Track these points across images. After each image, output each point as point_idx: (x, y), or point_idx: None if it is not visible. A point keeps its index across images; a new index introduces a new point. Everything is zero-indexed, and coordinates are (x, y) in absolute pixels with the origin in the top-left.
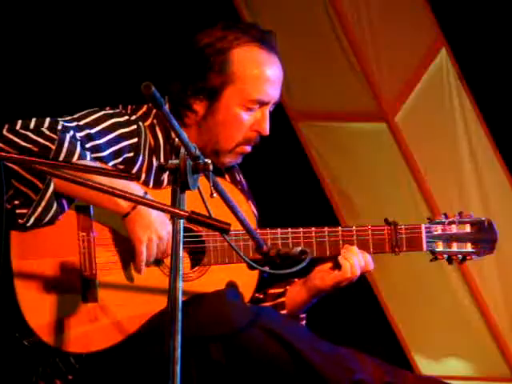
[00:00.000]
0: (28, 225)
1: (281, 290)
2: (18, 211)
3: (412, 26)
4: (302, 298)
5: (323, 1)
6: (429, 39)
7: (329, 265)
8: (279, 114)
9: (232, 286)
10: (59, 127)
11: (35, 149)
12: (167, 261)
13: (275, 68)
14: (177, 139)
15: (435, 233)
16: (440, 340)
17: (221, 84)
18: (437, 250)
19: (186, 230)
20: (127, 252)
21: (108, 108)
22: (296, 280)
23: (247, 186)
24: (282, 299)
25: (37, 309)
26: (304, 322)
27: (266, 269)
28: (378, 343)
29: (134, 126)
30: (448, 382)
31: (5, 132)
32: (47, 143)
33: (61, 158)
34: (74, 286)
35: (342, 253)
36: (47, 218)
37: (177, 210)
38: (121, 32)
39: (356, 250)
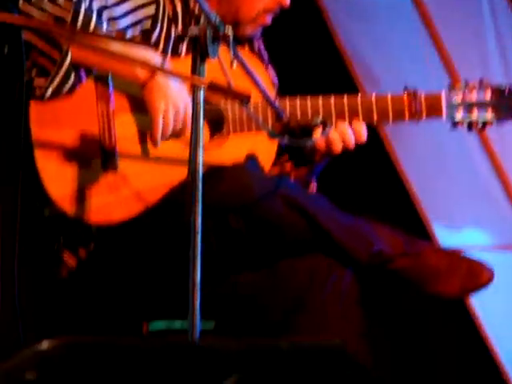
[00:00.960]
0: (46, 96)
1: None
2: (36, 82)
3: None
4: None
5: None
6: None
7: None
8: None
9: (251, 158)
10: None
11: (50, 20)
12: (187, 132)
13: None
14: (197, 7)
15: (455, 99)
16: (460, 210)
17: None
18: (457, 116)
19: (204, 101)
20: (146, 123)
21: None
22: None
23: (268, 55)
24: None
25: (57, 179)
26: (315, 185)
27: (286, 138)
28: (397, 214)
29: None
30: (467, 251)
31: (21, 5)
32: (62, 14)
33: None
34: (94, 157)
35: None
36: (65, 89)
37: (197, 79)
38: None
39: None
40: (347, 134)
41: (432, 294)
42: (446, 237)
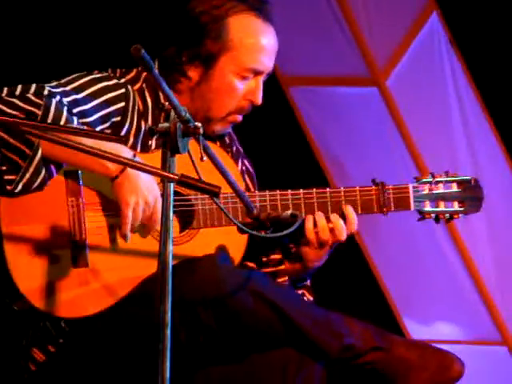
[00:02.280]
0: (16, 191)
1: (280, 256)
2: (6, 177)
3: None
4: (297, 267)
5: None
6: (420, 3)
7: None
8: (270, 78)
9: (222, 250)
10: (45, 93)
11: (21, 115)
12: (157, 226)
13: (271, 38)
14: (167, 102)
15: (422, 192)
16: (429, 304)
17: (217, 51)
18: (424, 209)
19: (174, 193)
20: (116, 216)
21: (96, 72)
22: (293, 247)
23: (241, 147)
24: (283, 266)
25: (27, 274)
26: (309, 283)
27: (256, 233)
28: (368, 307)
29: (123, 90)
30: (437, 345)
31: None
32: (33, 109)
33: None
34: (65, 251)
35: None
36: (35, 184)
37: (167, 173)
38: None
39: (319, 217)
40: (338, 224)
41: None
42: (417, 330)
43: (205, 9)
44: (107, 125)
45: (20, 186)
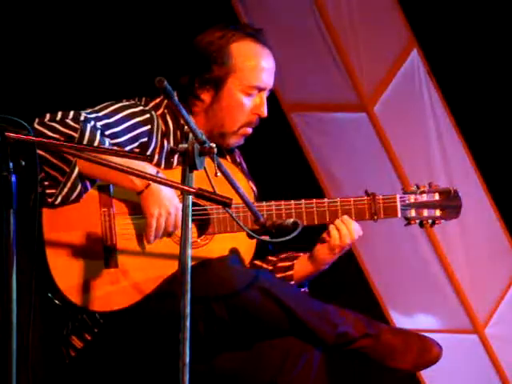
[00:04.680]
0: (56, 203)
1: (289, 263)
2: (47, 191)
3: (388, 28)
4: (308, 270)
5: (310, 6)
6: (402, 40)
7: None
8: (274, 105)
9: (233, 253)
10: (82, 118)
11: (61, 138)
12: (177, 231)
13: (269, 58)
14: (186, 126)
15: (408, 201)
16: (410, 298)
17: (224, 74)
18: (410, 216)
19: (193, 204)
20: (142, 225)
21: (124, 100)
22: (302, 254)
23: (247, 167)
24: (291, 272)
25: (65, 274)
26: (307, 289)
27: (263, 238)
28: (358, 300)
29: (148, 115)
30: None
31: (35, 125)
32: (71, 132)
33: None
34: (98, 254)
35: (334, 222)
36: (72, 197)
37: (186, 187)
38: (133, 36)
39: (346, 218)
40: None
41: (389, 369)
42: (400, 320)
43: (210, 40)
44: (136, 145)
45: (59, 199)
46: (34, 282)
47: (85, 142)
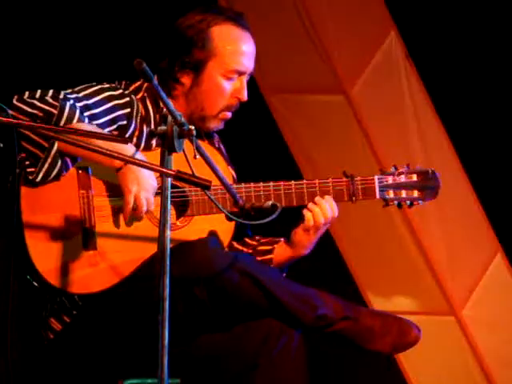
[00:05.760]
0: (37, 180)
1: (269, 247)
2: (28, 170)
3: (365, 11)
4: (287, 254)
5: None
6: (380, 23)
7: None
8: (253, 88)
9: (213, 235)
10: (61, 96)
11: (40, 114)
12: (156, 212)
13: (249, 43)
14: (165, 108)
15: (386, 182)
16: (389, 280)
17: (204, 58)
18: (388, 197)
19: (172, 186)
20: (121, 200)
21: (105, 83)
22: (282, 239)
23: (226, 152)
24: (270, 256)
25: (44, 256)
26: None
27: (241, 220)
28: (338, 284)
29: (127, 99)
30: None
31: (14, 101)
32: (50, 109)
33: (62, 122)
34: (76, 236)
35: (308, 205)
36: (53, 173)
37: (165, 169)
38: (117, 22)
39: (318, 199)
40: (325, 208)
41: (368, 351)
42: (379, 302)
43: (190, 23)
44: (114, 127)
45: (40, 175)
46: (12, 265)
47: (64, 118)
